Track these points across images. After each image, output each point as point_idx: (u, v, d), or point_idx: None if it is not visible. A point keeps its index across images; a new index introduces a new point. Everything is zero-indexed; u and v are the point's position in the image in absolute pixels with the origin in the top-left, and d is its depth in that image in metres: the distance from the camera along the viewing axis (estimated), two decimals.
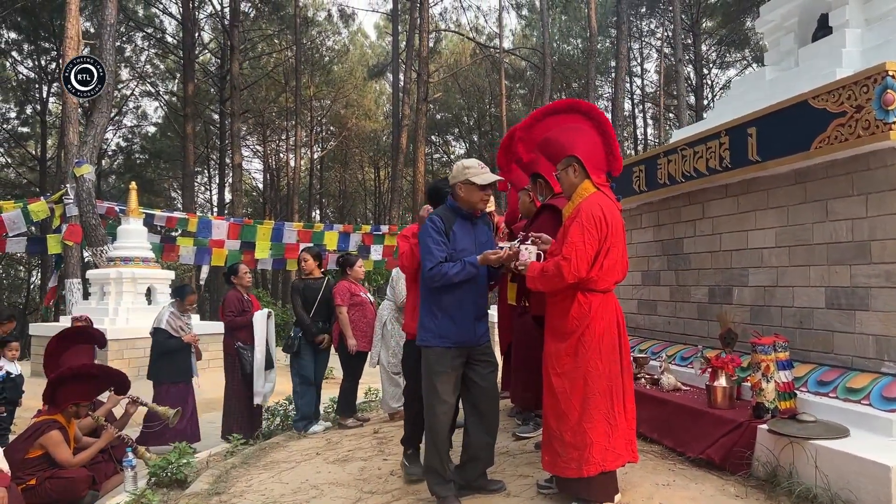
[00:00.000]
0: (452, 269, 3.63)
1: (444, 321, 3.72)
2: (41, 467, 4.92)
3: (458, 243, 3.73)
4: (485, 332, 3.87)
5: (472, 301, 3.75)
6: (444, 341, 3.71)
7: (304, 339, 6.79)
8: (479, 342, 3.81)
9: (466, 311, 3.74)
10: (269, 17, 34.46)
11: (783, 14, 5.78)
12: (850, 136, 3.75)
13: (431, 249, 3.68)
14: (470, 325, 3.74)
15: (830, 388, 3.83)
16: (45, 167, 32.04)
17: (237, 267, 7.45)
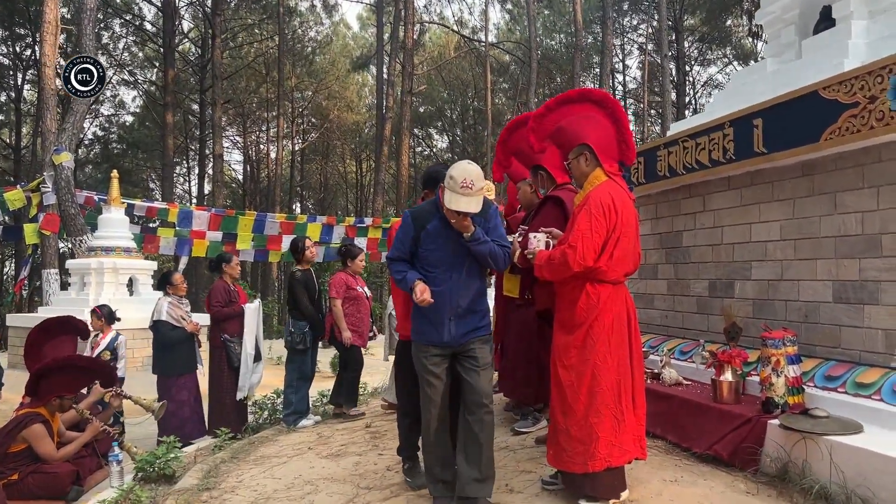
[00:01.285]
0: (397, 274, 3.60)
1: (418, 318, 3.64)
2: (24, 462, 4.75)
3: (428, 243, 3.54)
4: (469, 331, 3.56)
5: (445, 300, 3.50)
6: (420, 337, 3.63)
7: (313, 334, 6.60)
8: (459, 342, 3.55)
9: (439, 310, 3.50)
10: (251, 6, 34.03)
11: (784, 6, 5.72)
12: (862, 127, 3.69)
13: (393, 245, 3.69)
14: (443, 325, 3.52)
15: (839, 382, 3.78)
16: (20, 155, 31.40)
17: (230, 256, 7.24)
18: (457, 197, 3.32)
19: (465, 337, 3.55)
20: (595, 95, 3.83)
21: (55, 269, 14.77)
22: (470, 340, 3.57)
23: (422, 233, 3.54)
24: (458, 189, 3.33)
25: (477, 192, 3.34)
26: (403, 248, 3.61)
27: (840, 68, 4.20)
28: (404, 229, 3.60)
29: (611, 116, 3.71)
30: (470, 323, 3.58)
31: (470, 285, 3.56)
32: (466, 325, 3.56)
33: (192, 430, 6.74)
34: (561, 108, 3.88)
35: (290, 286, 6.67)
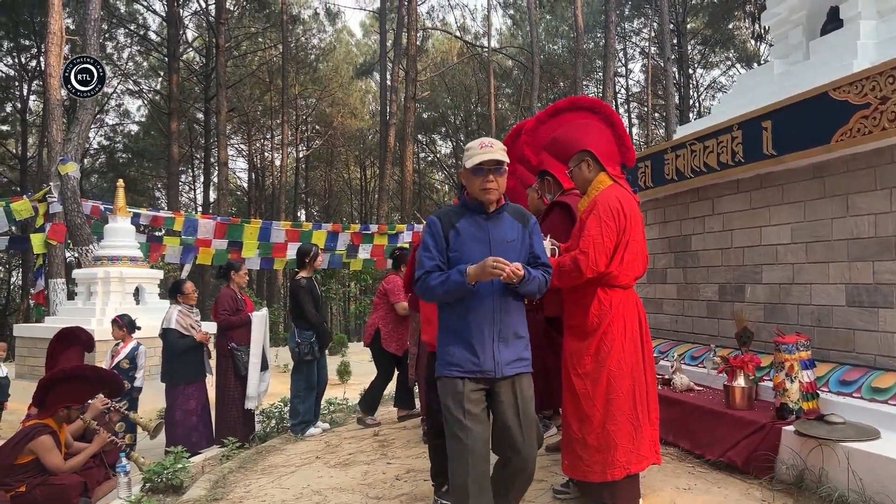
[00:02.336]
0: (436, 280, 2.91)
1: (450, 345, 2.99)
2: (31, 473, 4.71)
3: (461, 244, 2.97)
4: (515, 360, 2.96)
5: (487, 318, 2.92)
6: (454, 370, 2.95)
7: (319, 343, 6.55)
8: (503, 372, 2.92)
9: (479, 330, 2.92)
10: (255, 14, 34.16)
11: (791, 7, 5.69)
12: (874, 129, 3.65)
13: (421, 258, 3.02)
14: (485, 350, 2.90)
15: (854, 387, 3.73)
16: (26, 165, 31.51)
17: (239, 265, 7.21)
18: (479, 155, 2.92)
19: (510, 367, 2.94)
20: (586, 102, 3.81)
21: (62, 278, 14.78)
22: (516, 374, 2.96)
23: (450, 232, 3.00)
24: (477, 150, 2.96)
25: (499, 150, 2.95)
26: (436, 254, 3.01)
27: (849, 69, 4.17)
28: (431, 232, 3.05)
29: (605, 120, 3.69)
30: (516, 349, 2.99)
31: (515, 293, 2.99)
32: (513, 351, 2.97)
33: (199, 440, 6.71)
34: (553, 119, 3.86)
35: (295, 294, 6.54)
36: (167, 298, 14.02)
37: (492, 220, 3.02)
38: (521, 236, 3.04)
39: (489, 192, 2.95)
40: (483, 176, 2.93)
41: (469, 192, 3.05)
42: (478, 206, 3.02)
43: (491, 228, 3.00)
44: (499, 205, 3.04)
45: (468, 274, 2.82)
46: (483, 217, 3.02)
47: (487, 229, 3.00)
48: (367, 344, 6.78)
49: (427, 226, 3.11)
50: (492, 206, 3.02)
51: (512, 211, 3.10)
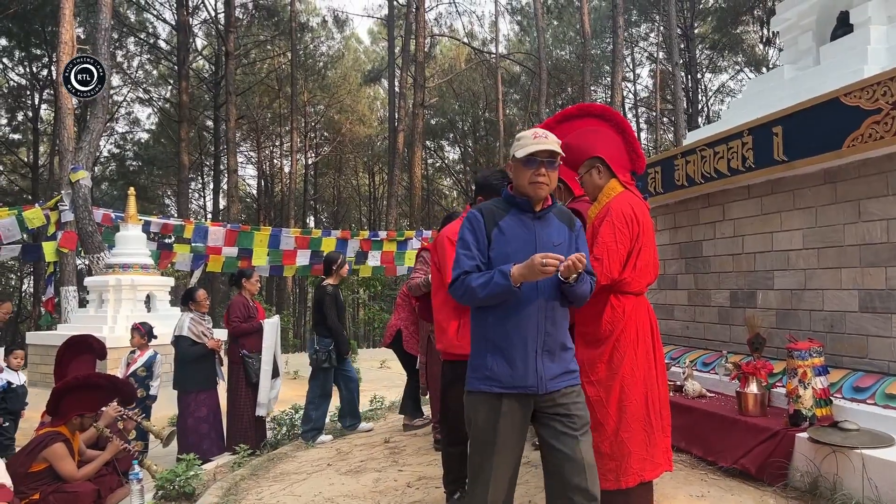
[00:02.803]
0: (476, 281, 2.62)
1: (490, 356, 2.69)
2: (45, 481, 4.74)
3: (504, 243, 2.71)
4: (562, 374, 2.69)
5: (530, 326, 2.64)
6: (491, 384, 2.66)
7: (337, 351, 6.55)
8: (548, 388, 2.63)
9: (521, 340, 2.64)
10: (263, 22, 34.35)
11: (800, 12, 5.68)
12: (885, 134, 3.64)
13: (460, 256, 2.74)
14: (527, 362, 2.63)
15: (868, 394, 3.71)
16: (38, 174, 31.75)
17: (250, 272, 7.21)
18: (532, 145, 2.68)
19: (556, 381, 2.66)
20: (595, 109, 3.81)
21: (73, 286, 14.87)
22: (563, 389, 2.68)
23: (493, 231, 2.73)
24: (530, 139, 2.71)
25: (554, 142, 2.70)
26: (476, 252, 2.73)
27: (860, 74, 4.16)
28: (472, 228, 2.77)
29: (615, 127, 3.69)
30: (563, 361, 2.71)
31: (563, 301, 2.73)
32: (559, 364, 2.69)
33: (210, 447, 6.73)
34: (562, 125, 3.86)
35: (320, 300, 6.55)
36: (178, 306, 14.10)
37: (539, 220, 2.76)
38: (568, 240, 2.79)
39: (539, 187, 2.69)
40: (534, 168, 2.68)
41: (515, 186, 2.80)
42: (525, 202, 2.75)
43: (538, 229, 2.74)
44: (546, 204, 2.79)
45: (512, 275, 2.52)
46: (530, 216, 2.76)
47: (535, 230, 2.73)
48: (386, 344, 6.77)
49: (467, 221, 2.81)
50: (539, 204, 2.76)
51: (558, 213, 2.84)
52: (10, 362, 7.04)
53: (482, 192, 3.90)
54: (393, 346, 6.67)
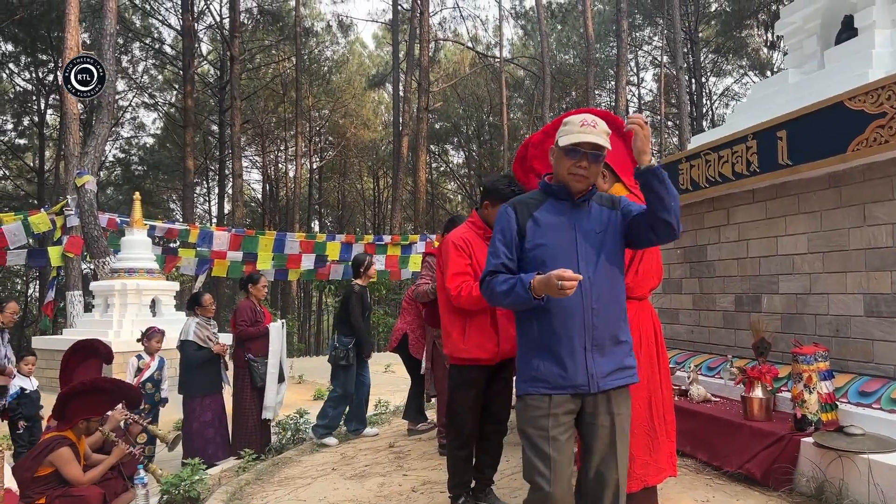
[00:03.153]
0: (500, 287, 2.49)
1: (537, 356, 2.52)
2: (51, 486, 4.74)
3: (540, 235, 2.53)
4: (615, 370, 2.51)
5: (575, 320, 2.45)
6: (539, 386, 2.49)
7: (358, 351, 6.57)
8: (600, 386, 2.46)
9: (567, 337, 2.46)
10: (268, 27, 34.45)
11: (805, 16, 5.68)
12: (891, 138, 3.64)
13: (488, 255, 2.65)
14: (575, 358, 2.45)
15: (873, 398, 3.70)
16: (44, 179, 31.89)
17: (257, 277, 7.20)
18: (577, 134, 2.47)
19: (609, 379, 2.48)
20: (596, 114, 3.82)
21: (79, 290, 14.91)
22: (616, 388, 2.51)
23: (528, 223, 2.56)
24: (576, 127, 2.50)
25: (602, 132, 2.48)
26: (503, 250, 2.59)
27: (865, 78, 4.16)
28: (502, 224, 2.63)
29: (616, 132, 3.70)
30: (616, 356, 2.52)
31: (611, 291, 2.52)
32: (612, 360, 2.51)
33: (216, 451, 6.74)
34: None
35: (347, 298, 6.62)
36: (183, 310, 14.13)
37: (578, 209, 2.57)
38: (609, 222, 2.57)
39: (578, 179, 2.51)
40: (576, 159, 2.48)
41: (554, 173, 2.64)
42: (562, 190, 2.57)
43: (577, 217, 2.55)
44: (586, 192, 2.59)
45: (534, 287, 2.37)
46: (568, 203, 2.57)
47: (573, 217, 2.55)
48: (392, 348, 6.78)
49: (498, 216, 2.66)
50: (580, 193, 2.57)
51: (599, 198, 2.63)
52: (21, 368, 7.06)
53: (488, 196, 3.90)
54: (399, 351, 6.68)
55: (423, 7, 25.95)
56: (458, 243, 3.84)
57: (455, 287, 3.72)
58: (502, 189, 3.82)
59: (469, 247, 3.84)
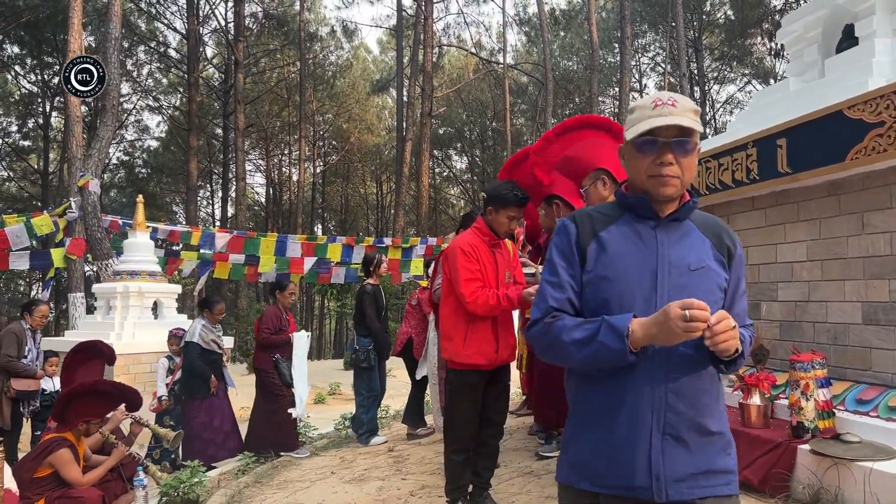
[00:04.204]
0: (571, 335, 1.71)
1: (585, 435, 1.79)
2: (50, 487, 4.76)
3: (605, 265, 1.77)
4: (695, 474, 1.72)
5: (642, 394, 1.70)
6: (580, 478, 1.79)
7: (377, 351, 6.57)
8: (672, 495, 1.69)
9: (627, 416, 1.71)
10: (273, 32, 34.57)
11: (806, 25, 5.69)
12: (888, 147, 3.65)
13: (543, 285, 1.86)
14: (636, 451, 1.70)
15: (871, 406, 3.70)
16: (48, 181, 32.00)
17: (285, 284, 7.15)
18: (651, 118, 1.71)
19: (687, 486, 1.70)
20: (595, 121, 3.86)
21: (81, 292, 14.94)
22: (701, 499, 1.71)
23: (590, 246, 1.80)
24: (648, 110, 1.75)
25: (687, 111, 1.72)
26: (566, 279, 1.81)
27: (864, 87, 4.16)
28: (560, 245, 1.86)
29: (616, 138, 3.72)
30: (703, 454, 1.72)
31: (699, 356, 1.71)
32: (695, 459, 1.71)
33: (215, 452, 6.74)
34: (561, 138, 3.90)
35: (360, 299, 6.64)
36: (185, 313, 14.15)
37: (666, 231, 1.79)
38: (714, 264, 1.79)
39: (664, 183, 1.74)
40: (654, 154, 1.74)
41: (629, 180, 1.86)
42: (641, 203, 1.79)
43: (664, 244, 1.77)
44: (680, 203, 1.81)
45: (632, 335, 1.62)
46: (651, 224, 1.80)
47: (657, 245, 1.77)
48: (396, 353, 6.81)
49: (555, 234, 1.90)
50: (667, 207, 1.79)
51: (702, 220, 1.87)
52: (46, 369, 7.13)
53: (492, 202, 3.92)
54: (403, 355, 6.71)
55: (427, 13, 26.06)
56: (465, 249, 3.88)
57: (471, 293, 3.75)
58: (505, 194, 3.85)
59: (476, 252, 3.87)
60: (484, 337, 3.85)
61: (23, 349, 6.96)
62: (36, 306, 7.31)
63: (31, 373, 6.94)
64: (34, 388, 7.01)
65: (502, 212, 3.87)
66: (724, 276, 1.79)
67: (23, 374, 6.88)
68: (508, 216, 3.88)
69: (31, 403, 7.07)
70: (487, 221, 3.96)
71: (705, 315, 1.55)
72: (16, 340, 6.92)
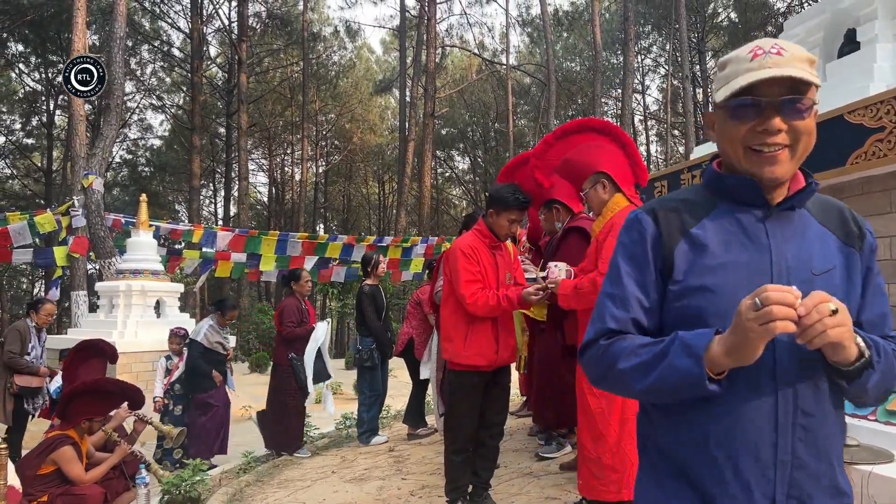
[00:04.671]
0: (630, 360, 1.32)
1: (664, 490, 1.38)
2: (53, 484, 4.79)
3: (703, 271, 1.33)
4: None
5: (758, 444, 1.26)
6: None
7: (379, 351, 6.60)
8: None
9: (736, 472, 1.27)
10: (276, 31, 34.63)
11: (808, 29, 5.71)
12: (889, 152, 3.67)
13: (602, 299, 1.45)
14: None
15: (869, 410, 3.71)
16: (51, 179, 32.07)
17: (299, 273, 7.02)
18: (748, 73, 1.28)
19: None
20: (595, 124, 3.88)
21: (84, 290, 14.99)
22: None
23: (678, 245, 1.37)
24: (745, 61, 1.31)
25: (796, 60, 1.28)
26: (632, 292, 1.40)
27: (865, 92, 4.18)
28: (630, 246, 1.44)
29: (616, 141, 3.74)
30: None
31: (832, 390, 1.32)
32: None
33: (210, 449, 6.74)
34: (562, 140, 3.92)
35: (359, 300, 6.69)
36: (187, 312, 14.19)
37: (778, 221, 1.37)
38: (843, 266, 1.38)
39: (772, 160, 1.31)
40: (752, 119, 1.31)
41: (723, 156, 1.43)
42: (746, 185, 1.36)
43: (778, 241, 1.35)
44: (791, 190, 1.38)
45: (711, 354, 1.20)
46: (758, 215, 1.37)
47: (769, 240, 1.35)
48: (397, 353, 6.83)
49: (624, 232, 1.47)
50: (778, 192, 1.36)
51: (820, 206, 1.44)
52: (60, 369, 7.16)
53: (493, 204, 3.93)
54: (404, 355, 6.75)
55: (430, 14, 26.11)
56: (465, 251, 3.90)
57: (471, 294, 3.77)
58: (506, 197, 3.86)
59: (476, 254, 3.89)
60: (484, 338, 3.86)
61: (26, 346, 6.98)
62: (42, 304, 7.34)
63: (34, 370, 6.97)
64: (37, 384, 7.05)
65: (503, 215, 3.88)
66: (856, 281, 1.38)
67: (25, 371, 6.91)
68: (509, 219, 3.89)
69: (35, 400, 7.11)
70: (488, 223, 3.97)
71: (787, 298, 1.10)
72: (19, 337, 6.96)
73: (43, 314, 7.23)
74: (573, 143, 3.88)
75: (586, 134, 3.88)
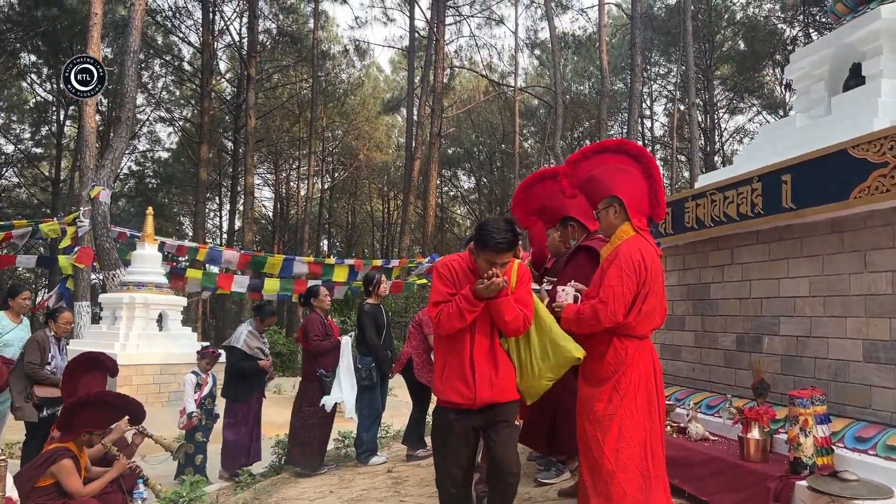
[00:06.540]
0: None
1: None
2: (51, 497, 4.78)
3: None
4: None
5: None
6: None
7: (378, 370, 6.60)
8: None
9: None
10: (286, 49, 34.93)
11: (813, 62, 5.76)
12: (892, 187, 3.69)
13: None
14: None
15: (869, 444, 3.71)
16: (58, 188, 32.24)
17: (317, 289, 6.98)
18: None
19: None
20: (632, 148, 3.86)
21: (87, 301, 15.02)
22: None
23: None
24: None
25: None
26: None
27: (870, 127, 4.22)
28: None
29: (645, 171, 3.73)
30: None
31: None
32: None
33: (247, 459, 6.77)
34: (596, 156, 3.90)
35: (359, 319, 6.71)
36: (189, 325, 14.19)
37: None
38: None
39: None
40: None
41: None
42: None
43: None
44: None
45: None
46: None
47: None
48: (397, 371, 6.84)
49: None
50: None
51: None
52: None
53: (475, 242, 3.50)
54: (404, 374, 6.75)
55: (439, 35, 26.31)
56: (442, 272, 3.60)
57: (436, 315, 3.46)
58: (485, 236, 3.40)
59: (454, 276, 3.57)
60: (458, 373, 3.47)
61: (46, 356, 6.91)
62: (60, 313, 7.28)
63: (55, 381, 6.89)
64: (58, 395, 6.99)
65: (481, 255, 3.44)
66: None
67: (45, 382, 6.83)
68: (487, 261, 3.40)
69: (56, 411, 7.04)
70: (472, 252, 3.60)
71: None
72: (38, 347, 6.88)
73: (61, 322, 7.17)
74: (605, 161, 3.87)
75: (620, 156, 3.86)
